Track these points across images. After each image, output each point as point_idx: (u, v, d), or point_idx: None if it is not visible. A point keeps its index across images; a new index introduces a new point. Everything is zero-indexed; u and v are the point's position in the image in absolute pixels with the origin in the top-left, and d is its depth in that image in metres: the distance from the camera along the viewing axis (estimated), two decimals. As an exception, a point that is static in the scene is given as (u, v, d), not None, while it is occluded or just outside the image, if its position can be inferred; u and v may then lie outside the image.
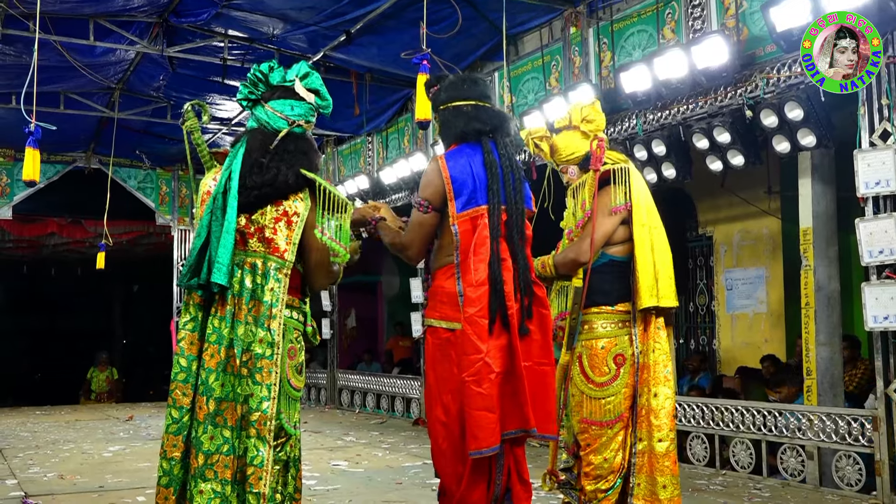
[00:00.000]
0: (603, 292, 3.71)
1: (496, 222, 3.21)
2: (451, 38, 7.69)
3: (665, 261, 3.71)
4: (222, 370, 2.87)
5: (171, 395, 2.90)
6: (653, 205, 3.80)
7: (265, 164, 2.95)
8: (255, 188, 2.93)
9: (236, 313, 2.90)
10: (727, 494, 5.58)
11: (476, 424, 3.07)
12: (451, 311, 3.20)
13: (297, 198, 2.97)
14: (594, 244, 3.64)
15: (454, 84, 3.44)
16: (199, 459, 2.83)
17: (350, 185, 11.22)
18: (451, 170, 3.24)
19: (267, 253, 2.92)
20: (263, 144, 3.00)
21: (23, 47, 8.66)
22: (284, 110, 3.07)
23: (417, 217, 3.30)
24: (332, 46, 8.94)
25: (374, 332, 14.70)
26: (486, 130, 3.31)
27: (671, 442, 3.62)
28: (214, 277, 2.84)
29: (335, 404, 12.15)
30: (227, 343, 2.88)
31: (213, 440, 2.84)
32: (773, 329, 8.66)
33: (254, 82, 3.11)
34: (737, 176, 7.83)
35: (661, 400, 3.62)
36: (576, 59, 7.70)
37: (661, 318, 3.71)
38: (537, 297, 3.28)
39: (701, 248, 9.53)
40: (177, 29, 8.95)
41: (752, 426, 6.16)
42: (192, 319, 2.94)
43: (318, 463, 6.88)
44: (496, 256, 3.17)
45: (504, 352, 3.15)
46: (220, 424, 2.86)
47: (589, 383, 3.68)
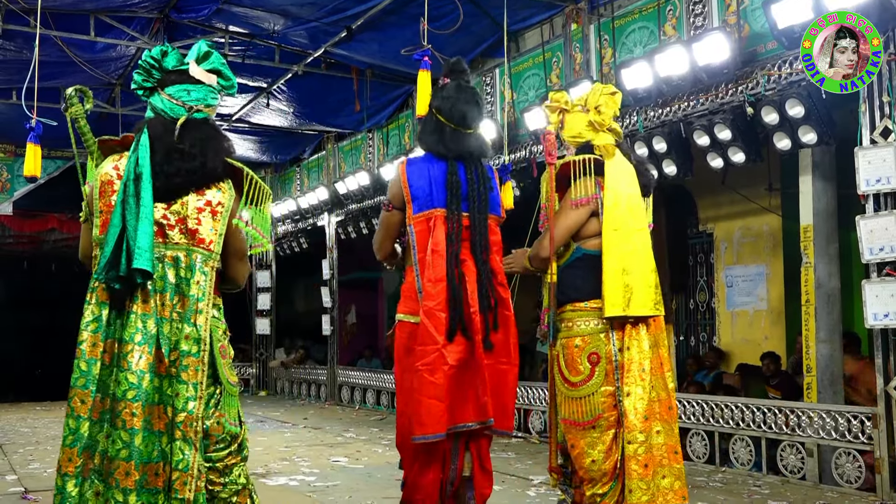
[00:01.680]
0: (575, 288, 3.56)
1: (457, 227, 3.44)
2: (453, 34, 7.68)
3: (643, 268, 3.51)
4: (153, 372, 2.63)
5: (70, 403, 2.62)
6: (637, 205, 3.58)
7: (185, 151, 2.75)
8: (176, 175, 2.73)
9: (160, 310, 2.67)
10: (727, 491, 5.58)
11: (424, 411, 3.29)
12: (415, 305, 3.44)
13: (218, 187, 2.79)
14: (554, 239, 3.53)
15: (449, 99, 3.56)
16: (139, 471, 2.58)
17: (350, 182, 11.22)
18: (410, 175, 3.50)
19: (191, 245, 2.71)
20: (168, 132, 2.78)
21: (23, 43, 8.66)
22: (181, 96, 2.83)
23: (383, 215, 3.64)
24: (333, 42, 8.93)
25: (375, 328, 14.70)
26: (450, 156, 3.51)
27: (640, 444, 3.40)
28: (137, 264, 2.59)
29: (335, 400, 12.15)
30: (154, 343, 2.65)
31: (148, 447, 2.60)
32: (774, 326, 8.66)
33: (147, 69, 2.86)
34: (737, 173, 7.83)
35: (633, 400, 3.43)
36: (577, 55, 7.69)
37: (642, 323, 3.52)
38: (501, 298, 3.50)
39: (701, 245, 9.53)
40: (178, 25, 8.95)
41: (752, 423, 6.16)
42: (96, 319, 2.66)
43: (318, 459, 6.88)
44: (455, 257, 3.41)
45: (463, 347, 3.38)
46: (154, 431, 2.62)
47: (565, 383, 3.53)
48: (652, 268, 3.57)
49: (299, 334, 14.75)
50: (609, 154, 3.61)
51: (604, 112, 3.66)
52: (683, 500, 3.50)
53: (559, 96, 3.77)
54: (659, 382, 3.54)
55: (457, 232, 3.44)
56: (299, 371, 13.48)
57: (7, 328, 17.82)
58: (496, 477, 5.25)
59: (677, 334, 9.31)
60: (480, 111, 3.63)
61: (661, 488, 3.43)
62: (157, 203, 2.70)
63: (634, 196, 3.60)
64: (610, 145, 3.63)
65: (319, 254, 12.84)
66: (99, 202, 2.74)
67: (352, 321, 14.11)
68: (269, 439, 8.21)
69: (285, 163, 14.11)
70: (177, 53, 2.89)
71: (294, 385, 13.51)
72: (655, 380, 3.53)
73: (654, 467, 3.44)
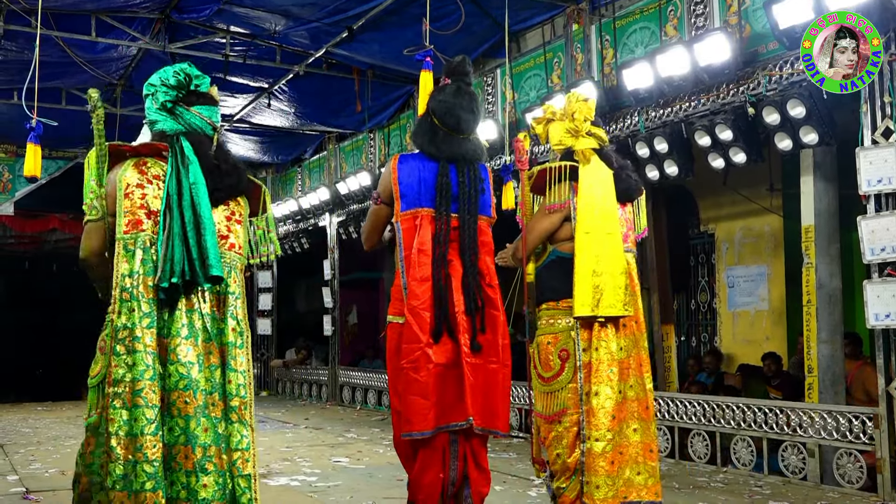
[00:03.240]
0: (551, 289, 3.74)
1: (444, 228, 3.46)
2: (454, 34, 7.68)
3: (614, 270, 3.62)
4: (201, 363, 2.86)
5: (141, 395, 2.76)
6: (610, 210, 3.70)
7: (223, 168, 3.04)
8: (219, 189, 3.00)
9: (202, 307, 2.91)
10: (728, 492, 5.58)
11: (410, 409, 3.36)
12: (402, 305, 3.47)
13: (237, 200, 3.10)
14: (527, 243, 3.76)
15: (445, 103, 3.58)
16: (198, 453, 2.80)
17: (352, 182, 11.22)
18: (400, 173, 3.52)
19: (224, 248, 2.98)
20: (207, 148, 3.05)
21: (24, 43, 8.66)
22: (210, 115, 3.14)
23: (371, 207, 3.68)
24: (335, 43, 8.93)
25: (376, 328, 14.69)
26: (440, 158, 3.53)
27: (608, 442, 3.56)
28: (214, 272, 2.84)
29: (336, 401, 12.15)
30: (203, 336, 2.89)
31: (208, 432, 2.83)
32: (775, 327, 8.66)
33: (183, 84, 3.12)
34: (739, 173, 7.83)
35: (601, 399, 3.58)
36: (578, 55, 7.69)
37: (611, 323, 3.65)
38: (489, 299, 3.51)
39: (703, 246, 9.53)
40: (179, 25, 8.95)
41: (754, 423, 6.16)
42: (147, 315, 2.82)
43: (319, 459, 6.88)
44: (442, 258, 3.43)
45: (450, 347, 3.41)
46: (211, 417, 2.86)
47: (538, 378, 3.73)
48: (622, 270, 3.67)
49: (301, 335, 14.75)
50: (585, 160, 3.75)
51: (577, 118, 3.80)
52: (656, 497, 3.68)
53: (545, 108, 3.99)
54: (637, 382, 3.71)
55: (444, 233, 3.46)
56: (300, 371, 13.48)
57: (8, 328, 17.83)
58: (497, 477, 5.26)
59: (678, 335, 9.31)
60: (476, 118, 3.63)
61: (635, 484, 3.63)
62: None
63: (607, 200, 3.72)
64: (588, 150, 3.77)
65: (321, 254, 12.84)
66: (125, 203, 2.87)
67: (353, 321, 14.10)
68: (271, 439, 8.21)
69: (286, 163, 14.11)
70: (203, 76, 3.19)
71: (295, 385, 13.51)
72: (635, 379, 3.70)
73: (628, 464, 3.62)
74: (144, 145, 3.02)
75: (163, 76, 3.12)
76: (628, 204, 3.93)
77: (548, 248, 3.80)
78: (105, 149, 2.95)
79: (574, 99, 3.86)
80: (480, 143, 3.69)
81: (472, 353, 3.42)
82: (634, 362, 3.72)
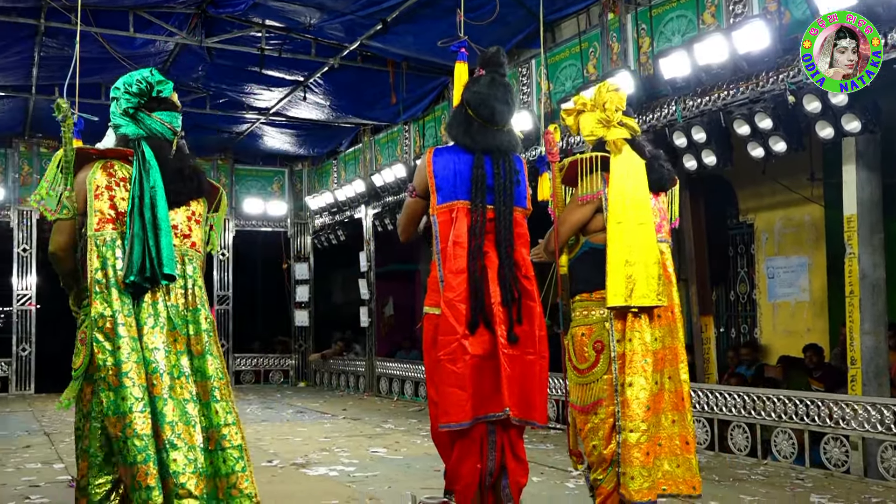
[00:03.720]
0: (584, 280, 3.73)
1: (480, 220, 3.45)
2: (489, 25, 7.64)
3: (646, 260, 3.59)
4: (168, 349, 3.11)
5: (128, 376, 3.00)
6: (641, 200, 3.67)
7: (184, 172, 3.30)
8: (181, 192, 3.26)
9: (167, 298, 3.16)
10: (769, 484, 5.52)
11: (447, 400, 3.36)
12: (438, 296, 3.47)
13: (198, 201, 3.36)
14: (560, 234, 3.75)
15: (479, 94, 3.57)
16: (167, 431, 3.01)
17: (387, 174, 11.25)
18: (435, 166, 3.51)
19: (185, 247, 3.26)
20: (167, 153, 3.28)
21: (65, 40, 8.80)
22: (171, 121, 3.33)
23: (407, 200, 3.69)
24: (369, 35, 8.94)
25: (412, 319, 14.73)
26: (476, 150, 3.52)
27: (643, 433, 3.54)
28: (167, 270, 3.09)
29: (373, 392, 12.22)
30: (168, 325, 3.14)
31: (175, 412, 3.04)
32: (816, 318, 8.54)
33: (144, 91, 3.27)
34: (778, 162, 7.70)
35: (635, 390, 3.56)
36: (614, 45, 7.62)
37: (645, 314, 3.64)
38: (525, 290, 3.50)
39: (742, 236, 9.42)
40: (215, 19, 9.03)
41: (795, 416, 6.08)
42: (126, 304, 3.09)
43: (357, 450, 6.93)
44: (478, 250, 3.43)
45: (487, 338, 3.41)
46: (178, 398, 3.08)
47: (574, 370, 3.72)
48: (655, 260, 3.64)
49: (338, 326, 14.85)
50: (616, 150, 3.72)
51: (608, 108, 3.78)
52: (694, 490, 3.67)
53: (576, 98, 3.95)
54: (674, 373, 3.70)
55: (480, 224, 3.46)
56: (338, 362, 13.57)
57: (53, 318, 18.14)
58: (534, 468, 5.25)
59: (717, 326, 9.21)
60: (511, 108, 3.62)
61: (675, 476, 3.62)
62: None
63: (639, 190, 3.69)
64: (619, 140, 3.75)
65: (357, 246, 12.90)
66: (94, 203, 3.13)
67: (389, 313, 14.15)
68: (309, 430, 8.29)
69: (322, 156, 14.19)
70: (166, 81, 3.34)
71: (333, 376, 13.60)
72: (671, 370, 3.69)
73: (667, 456, 3.61)
74: (110, 150, 3.25)
75: (127, 82, 3.28)
76: (661, 193, 3.90)
77: (580, 240, 3.78)
78: (72, 154, 3.18)
79: (605, 89, 3.83)
80: (515, 134, 3.68)
81: (508, 345, 3.42)
82: (670, 353, 3.70)
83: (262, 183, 14.54)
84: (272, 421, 9.16)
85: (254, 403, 11.13)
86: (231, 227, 14.02)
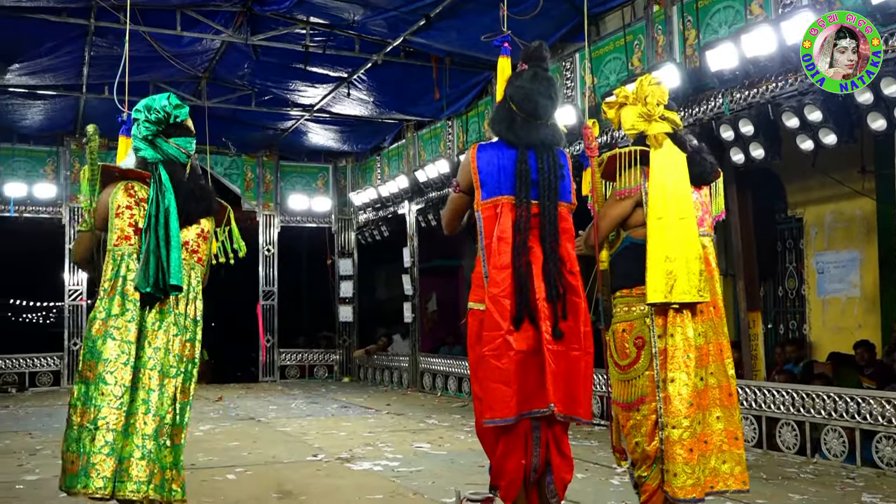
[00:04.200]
0: (624, 276, 3.70)
1: (525, 215, 3.44)
2: (532, 19, 7.61)
3: (687, 255, 3.55)
4: (166, 349, 3.54)
5: (113, 374, 3.41)
6: (682, 194, 3.62)
7: (197, 194, 3.70)
8: (193, 213, 3.67)
9: (173, 306, 3.59)
10: (819, 483, 5.43)
11: (491, 396, 3.36)
12: (483, 292, 3.46)
13: (207, 218, 3.78)
14: (599, 229, 3.74)
15: (522, 88, 3.57)
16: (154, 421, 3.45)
17: (430, 170, 11.26)
18: (479, 161, 3.51)
19: (192, 260, 3.68)
20: (182, 176, 3.67)
21: (114, 39, 8.95)
22: (186, 146, 3.71)
23: (451, 195, 3.72)
24: (412, 31, 8.96)
25: (455, 315, 14.75)
26: (520, 145, 3.51)
27: (685, 430, 3.50)
28: (173, 281, 3.48)
29: (417, 387, 12.25)
30: (168, 328, 3.56)
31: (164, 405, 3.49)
32: (868, 314, 8.37)
33: (163, 119, 3.64)
34: (828, 155, 7.56)
35: (677, 386, 3.53)
36: (659, 37, 7.54)
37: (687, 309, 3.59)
38: (570, 286, 3.48)
39: (790, 231, 9.26)
40: (260, 17, 9.11)
41: (846, 413, 5.97)
42: (130, 311, 3.50)
43: (401, 445, 6.96)
44: (523, 245, 3.41)
45: (531, 334, 3.40)
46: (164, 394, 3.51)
47: (615, 366, 3.71)
48: (696, 255, 3.60)
49: (381, 322, 14.92)
50: (657, 144, 3.68)
51: (649, 102, 3.74)
52: (743, 485, 3.65)
53: (617, 92, 3.92)
54: (718, 369, 3.67)
55: (525, 220, 3.44)
56: (382, 358, 13.63)
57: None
58: (579, 465, 5.23)
59: (765, 322, 9.07)
60: (554, 103, 3.60)
61: (721, 473, 3.60)
62: None
63: (680, 185, 3.65)
64: (660, 135, 3.71)
65: (400, 242, 12.94)
66: (115, 221, 3.55)
67: (433, 308, 14.19)
68: (353, 425, 8.34)
69: (366, 152, 14.25)
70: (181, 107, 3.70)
71: (377, 371, 13.67)
72: (715, 366, 3.66)
73: (713, 453, 3.58)
74: (132, 171, 3.66)
75: (148, 106, 3.64)
76: (704, 187, 3.85)
77: (621, 235, 3.75)
78: (98, 172, 3.58)
79: (646, 82, 3.79)
80: (559, 128, 3.66)
81: (553, 340, 3.40)
82: (714, 348, 3.66)
83: (306, 179, 14.65)
84: (317, 416, 9.24)
85: (299, 398, 11.23)
86: (276, 224, 14.15)
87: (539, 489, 3.52)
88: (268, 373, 13.91)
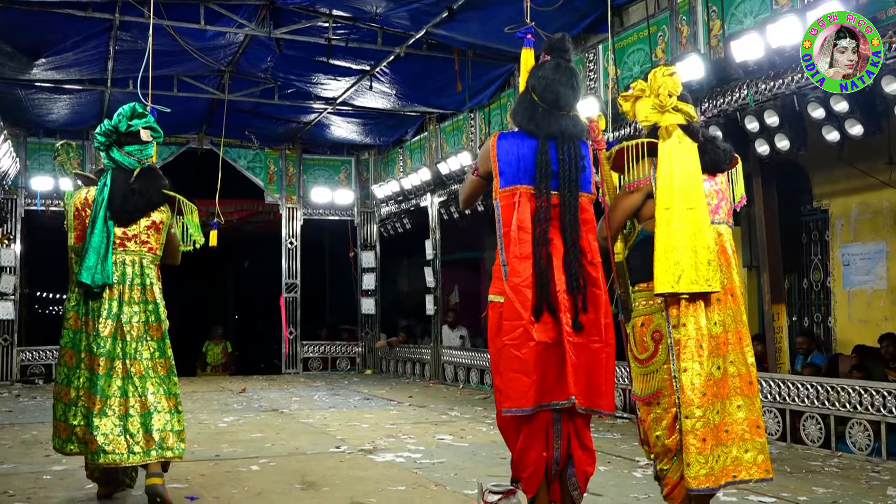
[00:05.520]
0: (640, 269, 3.69)
1: (545, 205, 3.43)
2: (555, 10, 7.58)
3: (695, 245, 3.51)
4: (114, 337, 4.15)
5: (83, 360, 4.16)
6: (691, 184, 3.58)
7: (137, 191, 4.24)
8: (134, 210, 4.24)
9: (122, 295, 4.18)
10: (843, 476, 5.39)
11: (510, 385, 3.36)
12: (502, 284, 3.46)
13: (159, 210, 4.35)
14: (610, 221, 3.74)
15: (545, 79, 3.56)
16: (100, 402, 4.06)
17: (453, 162, 11.25)
18: (499, 149, 3.50)
19: (143, 251, 4.28)
20: (126, 179, 4.27)
21: (138, 33, 9.01)
22: (136, 153, 4.29)
23: (468, 177, 3.77)
24: (435, 23, 8.95)
25: (477, 307, 14.74)
26: (540, 135, 3.49)
27: (697, 419, 3.47)
28: (100, 279, 4.14)
29: (439, 379, 12.28)
30: (116, 317, 4.16)
31: (111, 387, 4.10)
32: (894, 306, 8.28)
33: (112, 130, 4.25)
34: (855, 146, 7.48)
35: (690, 375, 3.51)
36: (683, 28, 7.49)
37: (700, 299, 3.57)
38: (591, 278, 3.47)
39: (815, 222, 9.17)
40: (283, 11, 9.14)
41: (871, 406, 5.92)
42: (80, 303, 4.22)
43: (423, 437, 6.98)
44: (543, 235, 3.41)
45: (551, 325, 3.38)
46: (114, 376, 4.12)
47: (634, 360, 3.70)
48: (706, 245, 3.56)
49: (403, 314, 14.93)
50: (666, 134, 3.67)
51: (661, 94, 3.72)
52: (767, 474, 3.64)
53: (634, 84, 3.89)
54: (738, 357, 3.65)
55: (545, 210, 3.43)
56: (404, 350, 13.66)
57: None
58: (601, 458, 5.22)
59: (790, 315, 9.00)
60: (576, 94, 3.59)
61: (744, 462, 3.58)
62: (121, 227, 4.26)
63: (689, 174, 3.62)
64: (672, 126, 3.70)
65: (422, 234, 12.95)
66: (73, 222, 4.29)
67: (455, 301, 14.19)
68: (376, 416, 8.37)
69: (388, 144, 14.26)
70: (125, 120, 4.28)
71: (399, 364, 13.71)
72: (735, 355, 3.64)
73: (735, 442, 3.57)
74: (92, 178, 4.40)
75: (105, 124, 4.27)
76: (720, 175, 3.82)
77: (636, 228, 3.74)
78: (74, 178, 4.26)
79: (659, 73, 3.77)
80: (581, 119, 3.65)
81: (573, 332, 3.39)
82: (733, 337, 3.64)
83: (329, 172, 14.68)
84: (339, 407, 9.28)
85: (321, 390, 11.28)
86: (299, 217, 14.20)
87: (561, 482, 3.51)
88: (291, 365, 13.99)
